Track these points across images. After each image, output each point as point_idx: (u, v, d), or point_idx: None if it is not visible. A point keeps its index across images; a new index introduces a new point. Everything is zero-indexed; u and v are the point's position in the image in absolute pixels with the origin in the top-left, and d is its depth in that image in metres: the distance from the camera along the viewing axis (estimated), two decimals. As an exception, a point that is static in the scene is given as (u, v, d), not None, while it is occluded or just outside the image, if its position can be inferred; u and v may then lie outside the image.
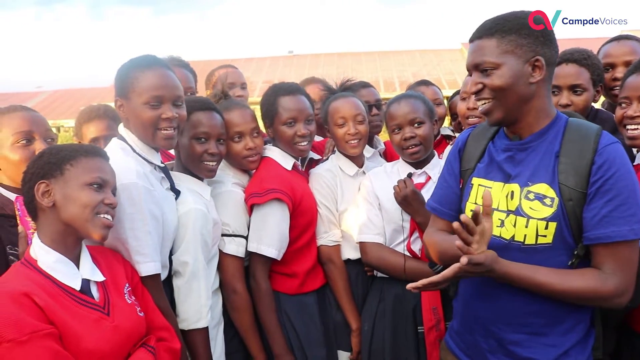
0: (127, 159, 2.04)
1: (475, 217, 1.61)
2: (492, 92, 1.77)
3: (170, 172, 2.35)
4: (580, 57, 2.56)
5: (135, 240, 1.97)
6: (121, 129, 2.18)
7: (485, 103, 1.80)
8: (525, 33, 1.75)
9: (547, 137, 1.81)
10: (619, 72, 2.77)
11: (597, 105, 2.90)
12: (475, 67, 1.81)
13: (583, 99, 2.58)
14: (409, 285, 1.74)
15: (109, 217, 1.80)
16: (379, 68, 21.75)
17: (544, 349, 1.79)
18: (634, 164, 2.16)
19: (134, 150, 2.11)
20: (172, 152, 2.78)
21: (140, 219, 1.96)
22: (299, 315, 2.56)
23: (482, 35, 1.79)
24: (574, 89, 2.56)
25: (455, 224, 1.60)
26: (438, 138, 3.18)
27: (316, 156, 2.97)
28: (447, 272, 1.66)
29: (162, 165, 2.22)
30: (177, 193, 2.23)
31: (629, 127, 2.17)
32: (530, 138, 1.82)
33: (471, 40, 1.83)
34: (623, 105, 2.21)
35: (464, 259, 1.60)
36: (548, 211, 1.72)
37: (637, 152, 2.24)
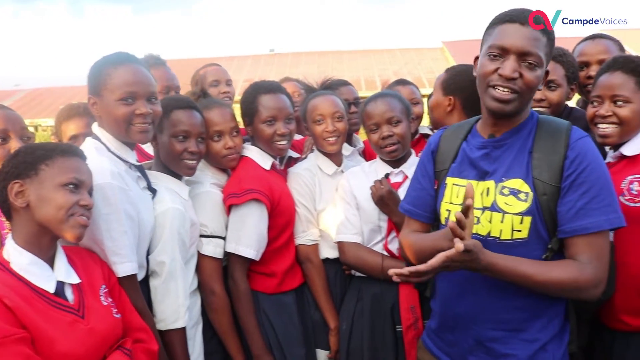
0: (101, 158, 2.01)
1: (466, 210, 1.61)
2: (523, 86, 1.74)
3: (149, 171, 2.33)
4: (555, 54, 2.59)
5: (111, 241, 1.95)
6: (95, 127, 2.16)
7: (511, 91, 1.74)
8: (553, 47, 1.80)
9: (521, 134, 1.84)
10: (593, 70, 2.80)
11: (571, 103, 2.93)
12: (520, 54, 1.73)
13: (557, 94, 2.62)
14: (392, 271, 1.70)
15: (85, 217, 1.78)
16: (360, 67, 21.76)
17: (523, 344, 1.81)
18: (605, 161, 2.19)
19: (109, 149, 2.09)
20: (150, 152, 2.76)
21: (115, 220, 1.94)
22: (277, 314, 2.56)
23: (536, 25, 1.74)
24: (548, 84, 2.60)
25: (452, 224, 1.59)
26: (417, 137, 3.19)
27: (295, 155, 2.97)
28: (433, 261, 1.63)
29: (138, 164, 2.20)
30: (153, 192, 2.21)
31: (600, 125, 2.20)
32: (505, 135, 1.84)
33: (522, 23, 1.74)
34: (595, 103, 2.24)
35: (459, 245, 1.56)
36: (523, 206, 1.74)
37: (610, 149, 2.27)
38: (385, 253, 2.49)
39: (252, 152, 2.64)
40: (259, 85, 2.70)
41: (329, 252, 2.67)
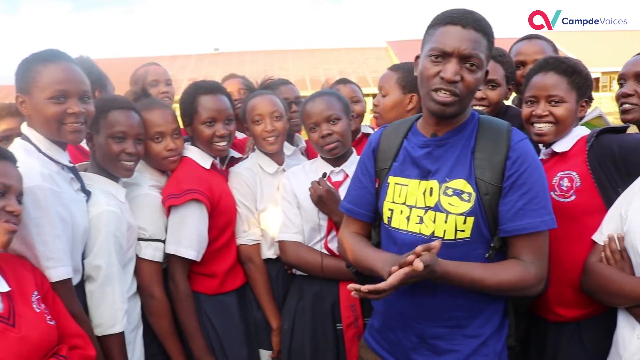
0: (30, 160, 1.94)
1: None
2: (464, 89, 1.76)
3: (84, 172, 2.27)
4: (496, 54, 2.65)
5: (44, 245, 1.89)
6: (24, 127, 2.08)
7: (452, 94, 1.77)
8: (493, 46, 1.82)
9: (464, 134, 1.87)
10: None
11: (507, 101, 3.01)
12: (462, 57, 1.74)
13: (497, 93, 2.68)
14: (350, 286, 1.71)
15: (11, 223, 1.71)
16: (305, 66, 21.86)
17: (466, 340, 1.85)
18: (540, 158, 2.26)
19: (39, 150, 2.02)
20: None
21: (47, 223, 1.88)
22: (219, 315, 2.54)
23: (478, 28, 1.75)
24: (489, 83, 2.65)
25: (411, 258, 1.60)
26: (359, 136, 3.20)
27: (237, 154, 2.95)
28: (392, 279, 1.63)
29: (71, 165, 2.14)
30: (88, 194, 2.15)
31: (536, 125, 2.26)
32: (448, 134, 1.87)
33: (464, 26, 1.75)
34: (529, 103, 2.30)
35: (419, 264, 1.57)
36: (466, 206, 1.78)
37: (544, 147, 2.35)
38: (326, 252, 2.50)
39: (192, 152, 2.61)
40: (199, 85, 2.66)
41: (270, 251, 2.66)
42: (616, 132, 2.19)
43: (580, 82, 2.24)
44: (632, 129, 2.50)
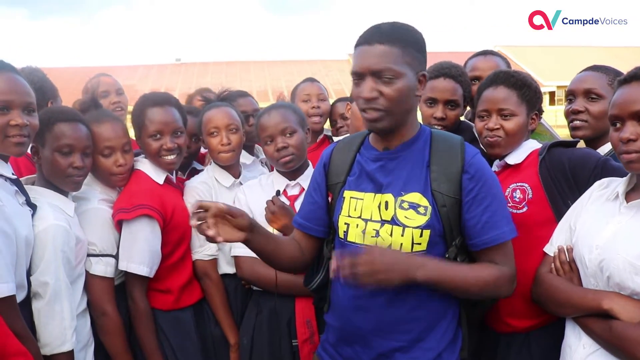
0: None
1: None
2: (386, 102, 1.75)
3: (31, 186, 2.20)
4: (456, 74, 2.68)
5: None
6: None
7: (376, 110, 1.76)
8: (418, 47, 1.81)
9: (415, 147, 1.87)
10: None
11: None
12: (374, 73, 1.75)
13: (455, 114, 2.71)
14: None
15: None
16: (267, 77, 21.83)
17: (423, 353, 1.85)
18: (492, 170, 2.29)
19: None
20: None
21: None
22: (174, 331, 2.49)
23: (383, 40, 1.74)
24: (450, 103, 2.67)
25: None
26: (321, 137, 3.21)
27: (200, 166, 2.91)
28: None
29: (14, 177, 2.06)
30: (34, 208, 2.08)
31: (489, 138, 2.29)
32: (400, 148, 1.87)
33: (369, 43, 1.76)
34: (482, 117, 2.32)
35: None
36: (422, 219, 1.79)
37: (496, 160, 2.37)
38: None
39: (145, 166, 2.56)
40: (147, 97, 2.61)
41: (227, 267, 2.63)
42: (567, 145, 2.24)
43: (530, 95, 2.27)
44: (582, 144, 2.55)
